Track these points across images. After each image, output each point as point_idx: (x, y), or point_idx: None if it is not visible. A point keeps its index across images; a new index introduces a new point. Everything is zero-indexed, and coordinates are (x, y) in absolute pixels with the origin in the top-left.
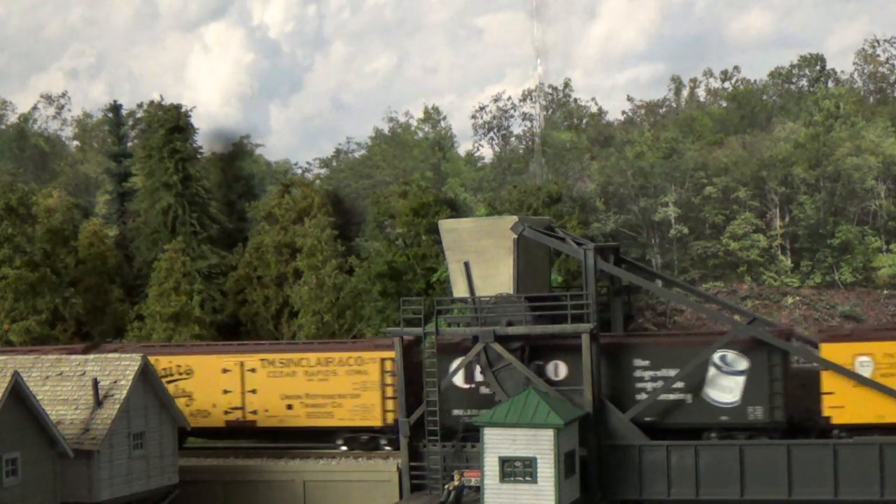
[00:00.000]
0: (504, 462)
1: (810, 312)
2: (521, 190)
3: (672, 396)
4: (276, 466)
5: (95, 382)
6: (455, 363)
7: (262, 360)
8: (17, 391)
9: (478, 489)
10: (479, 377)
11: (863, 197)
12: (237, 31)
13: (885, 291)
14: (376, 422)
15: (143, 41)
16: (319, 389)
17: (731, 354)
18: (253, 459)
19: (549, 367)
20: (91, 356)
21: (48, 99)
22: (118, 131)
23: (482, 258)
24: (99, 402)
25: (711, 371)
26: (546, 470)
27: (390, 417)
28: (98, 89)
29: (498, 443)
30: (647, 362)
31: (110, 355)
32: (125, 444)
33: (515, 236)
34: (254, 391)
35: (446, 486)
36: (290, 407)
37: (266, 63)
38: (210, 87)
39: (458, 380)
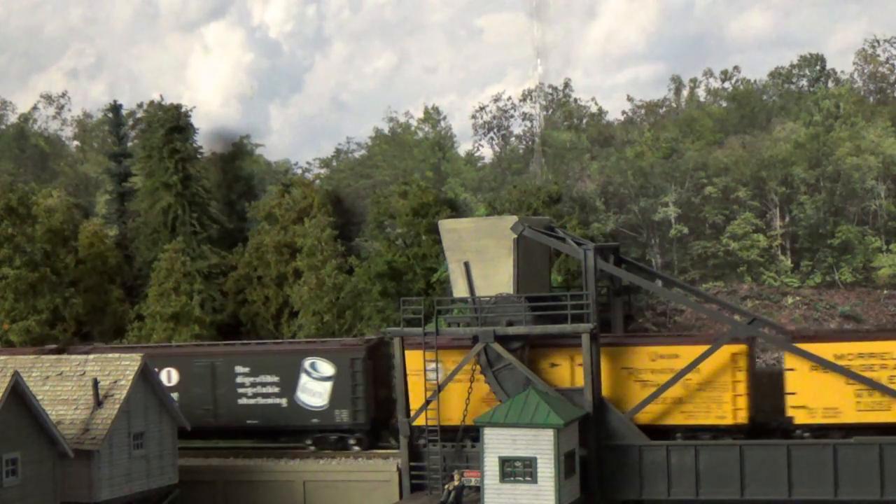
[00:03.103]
0: (504, 462)
1: (810, 312)
2: (521, 190)
3: (269, 401)
4: (276, 466)
5: (95, 382)
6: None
7: None
8: (17, 391)
9: (478, 489)
10: None
11: (863, 197)
12: (237, 31)
13: (885, 291)
14: None
15: (143, 41)
16: None
17: (319, 361)
18: (253, 459)
19: None
20: (91, 356)
21: (48, 99)
22: (118, 131)
23: (482, 258)
24: (99, 402)
25: (303, 377)
26: (546, 470)
27: None
28: (98, 89)
29: (498, 443)
30: (247, 369)
31: (110, 355)
32: (125, 444)
33: (515, 236)
34: None
35: (446, 486)
36: None
37: (266, 63)
38: (210, 87)
39: None
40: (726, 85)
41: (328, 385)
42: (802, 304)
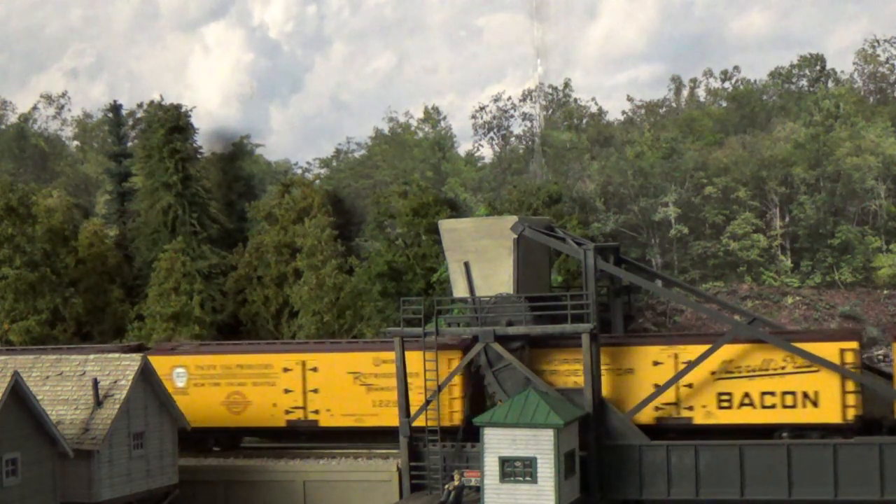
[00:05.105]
0: (504, 462)
1: (810, 312)
2: (521, 190)
3: None
4: (276, 466)
5: (95, 382)
6: None
7: None
8: (17, 391)
9: (478, 489)
10: None
11: (863, 197)
12: (237, 31)
13: (885, 291)
14: None
15: (143, 41)
16: None
17: None
18: (253, 459)
19: None
20: (91, 356)
21: (48, 99)
22: (118, 131)
23: (482, 258)
24: (99, 402)
25: None
26: (546, 470)
27: None
28: (98, 89)
29: (498, 443)
30: None
31: (110, 355)
32: (125, 444)
33: (515, 236)
34: None
35: (446, 486)
36: None
37: (266, 63)
38: (210, 87)
39: None
40: (726, 85)
41: None
42: (802, 304)
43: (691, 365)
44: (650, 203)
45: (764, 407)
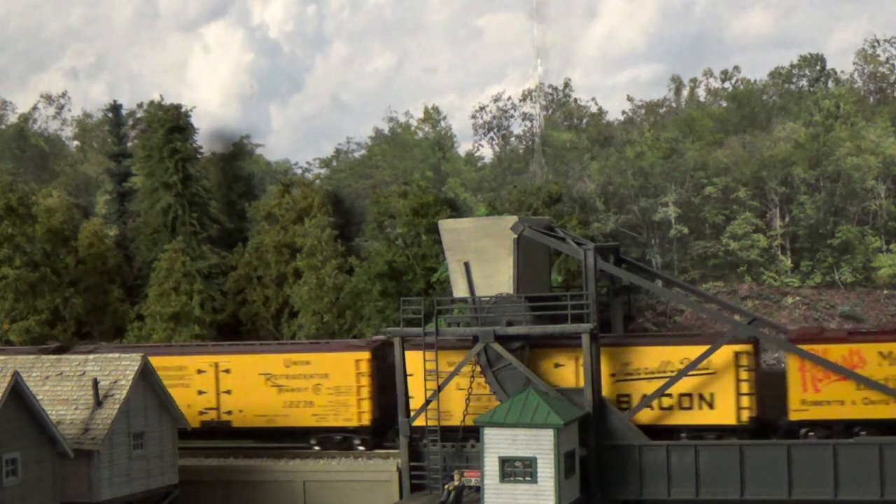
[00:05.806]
0: (504, 462)
1: (810, 312)
2: (521, 190)
3: None
4: (276, 466)
5: (95, 382)
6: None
7: None
8: (17, 391)
9: (478, 489)
10: None
11: (863, 197)
12: (237, 31)
13: (885, 291)
14: None
15: (143, 41)
16: None
17: None
18: (253, 459)
19: None
20: (91, 356)
21: (48, 99)
22: (118, 131)
23: (482, 258)
24: (99, 402)
25: None
26: (546, 470)
27: None
28: (98, 89)
29: (498, 443)
30: None
31: (110, 355)
32: (125, 444)
33: (515, 236)
34: None
35: (446, 486)
36: None
37: (266, 63)
38: (210, 87)
39: None
40: (726, 85)
41: None
42: (802, 304)
43: (692, 363)
44: (650, 203)
45: (662, 409)
